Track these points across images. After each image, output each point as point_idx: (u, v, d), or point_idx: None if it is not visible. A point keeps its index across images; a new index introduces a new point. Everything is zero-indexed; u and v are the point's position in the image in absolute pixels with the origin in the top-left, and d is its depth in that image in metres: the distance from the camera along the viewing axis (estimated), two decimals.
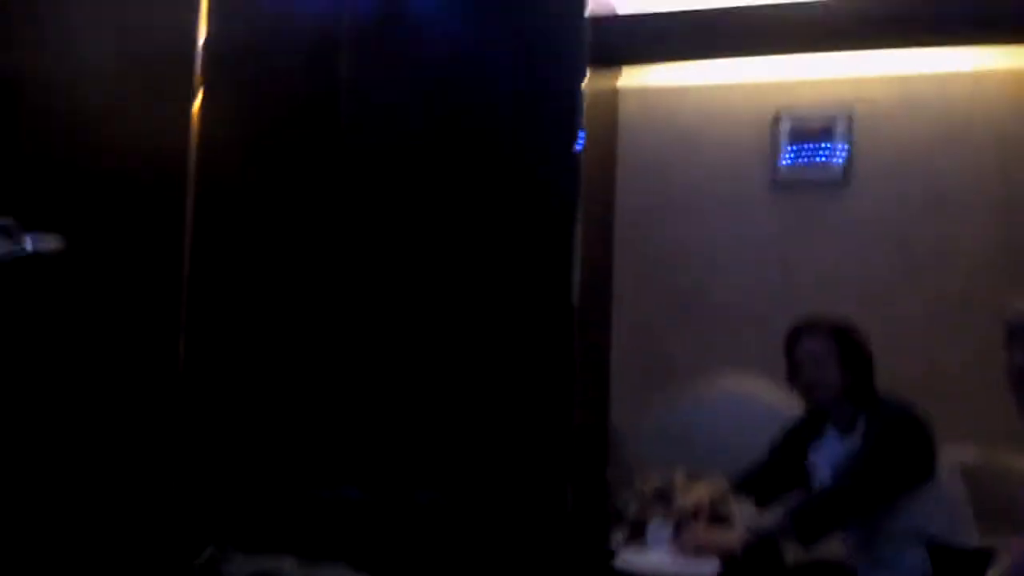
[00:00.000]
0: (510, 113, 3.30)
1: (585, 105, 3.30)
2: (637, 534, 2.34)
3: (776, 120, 3.75)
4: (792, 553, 2.50)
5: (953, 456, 2.47)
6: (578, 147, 3.26)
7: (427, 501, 2.27)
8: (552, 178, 3.26)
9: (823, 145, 3.69)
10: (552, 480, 3.08)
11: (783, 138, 3.74)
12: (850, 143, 3.67)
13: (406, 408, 3.28)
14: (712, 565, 2.10)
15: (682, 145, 3.89)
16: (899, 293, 3.62)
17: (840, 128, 3.67)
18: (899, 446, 2.25)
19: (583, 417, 3.37)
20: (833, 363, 2.39)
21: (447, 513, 2.26)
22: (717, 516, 2.43)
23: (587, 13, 3.25)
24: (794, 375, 2.48)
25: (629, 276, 3.92)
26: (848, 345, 2.41)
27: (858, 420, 2.39)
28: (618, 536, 2.33)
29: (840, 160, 3.68)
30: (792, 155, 3.73)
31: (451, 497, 2.36)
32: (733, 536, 2.27)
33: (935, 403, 2.95)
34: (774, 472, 2.60)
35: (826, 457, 2.46)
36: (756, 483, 2.61)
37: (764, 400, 3.52)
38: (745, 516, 2.43)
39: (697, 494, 2.49)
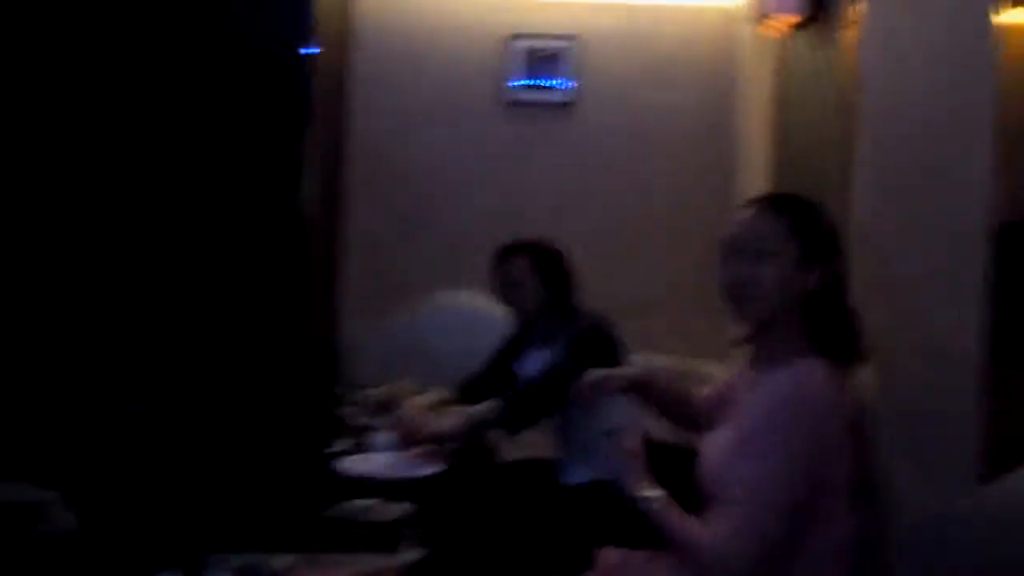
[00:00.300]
0: (240, 13, 3.11)
1: (317, 11, 3.18)
2: (362, 443, 2.35)
3: (509, 41, 3.80)
4: (502, 454, 2.65)
5: (651, 363, 2.69)
6: (310, 51, 3.15)
7: (137, 413, 2.14)
8: (283, 83, 3.13)
9: (553, 69, 3.81)
10: (278, 392, 3.02)
11: (515, 60, 3.81)
12: (577, 69, 3.81)
13: (128, 318, 3.07)
14: (430, 468, 2.15)
15: (417, 59, 3.85)
16: (613, 214, 3.85)
17: (569, 53, 3.79)
18: (588, 350, 2.41)
19: (311, 331, 3.33)
20: (531, 281, 2.52)
21: (157, 425, 2.13)
22: None
23: None
24: (501, 293, 2.59)
25: (359, 190, 3.86)
26: (547, 265, 2.55)
27: (559, 333, 2.53)
28: (341, 444, 2.33)
29: (568, 85, 3.81)
30: (523, 77, 3.81)
31: (163, 409, 2.23)
32: (446, 422, 2.36)
33: (642, 320, 3.21)
34: (490, 380, 2.71)
35: (532, 365, 2.61)
36: (474, 391, 2.71)
37: (488, 315, 3.64)
38: None
39: (419, 401, 2.55)
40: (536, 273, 2.54)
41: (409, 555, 1.61)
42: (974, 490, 1.46)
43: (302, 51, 3.15)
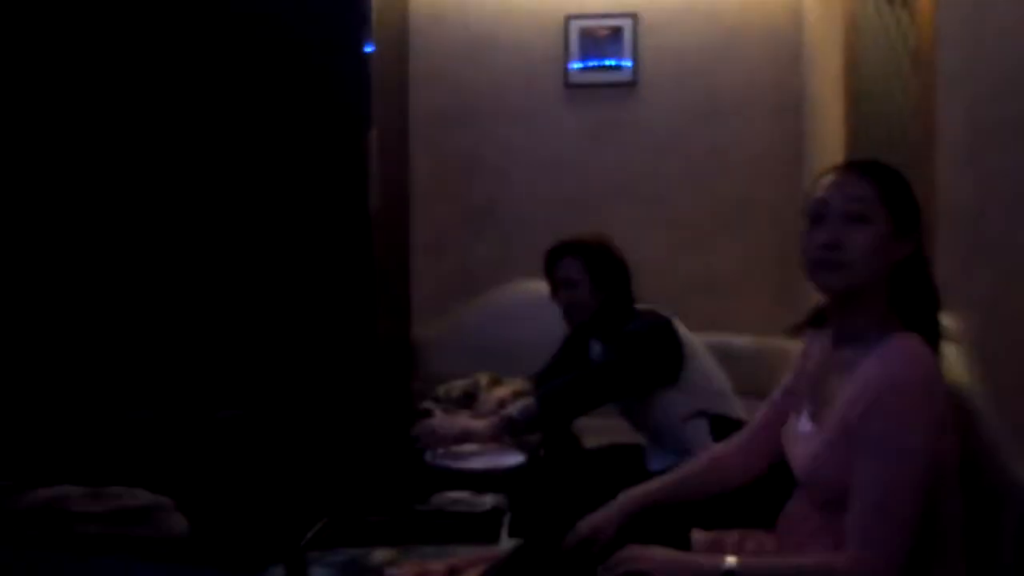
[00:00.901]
0: (296, 12, 3.14)
1: (373, 7, 3.20)
2: None
3: (565, 24, 3.78)
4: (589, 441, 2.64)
5: (728, 343, 2.65)
6: (367, 48, 3.16)
7: (228, 418, 2.19)
8: (342, 81, 3.15)
9: (611, 49, 3.77)
10: (357, 392, 3.06)
11: (573, 42, 3.78)
12: (636, 48, 3.76)
13: (205, 326, 3.14)
14: (517, 457, 2.16)
15: (474, 49, 3.85)
16: (681, 196, 3.81)
17: (627, 33, 3.75)
18: (639, 351, 2.35)
19: (385, 328, 3.36)
20: (584, 282, 2.46)
21: (249, 429, 2.18)
22: None
23: None
24: (554, 294, 2.55)
25: (425, 185, 3.88)
26: (600, 262, 2.48)
27: (617, 330, 2.48)
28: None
29: (628, 64, 3.77)
30: (582, 59, 3.79)
31: (253, 413, 2.28)
32: (480, 423, 2.32)
33: (713, 300, 3.18)
34: (566, 367, 2.69)
35: (595, 357, 2.58)
36: (553, 379, 2.70)
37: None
38: None
39: (500, 393, 2.56)
40: (588, 273, 2.48)
41: (507, 545, 1.61)
42: None
43: (360, 49, 3.17)
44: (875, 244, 1.46)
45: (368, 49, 3.18)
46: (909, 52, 2.35)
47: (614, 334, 2.45)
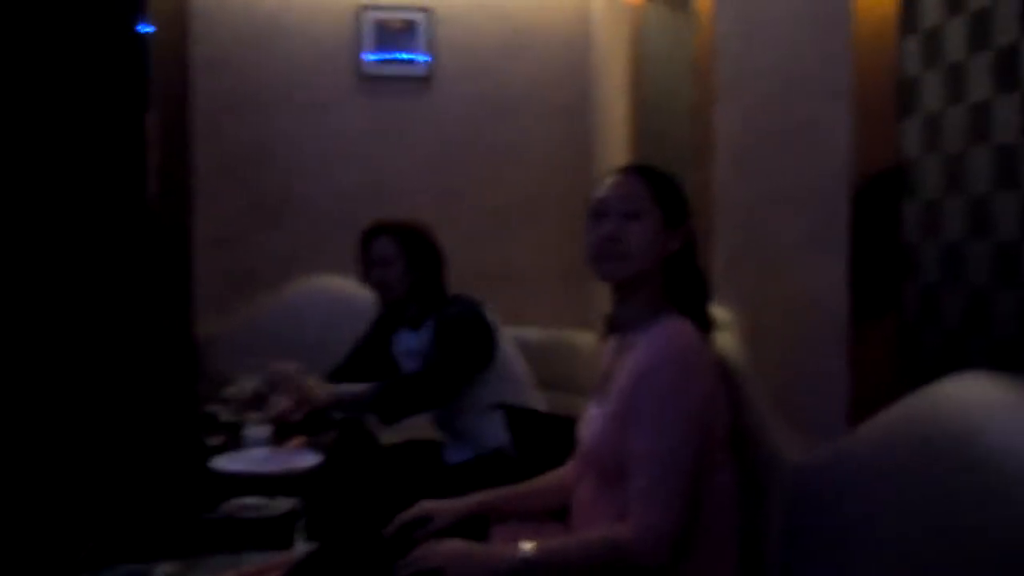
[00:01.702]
0: None
1: None
2: (234, 439, 2.26)
3: (359, 14, 3.71)
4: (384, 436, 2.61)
5: (522, 336, 2.71)
6: (144, 28, 2.96)
7: None
8: (117, 62, 2.93)
9: (406, 42, 3.74)
10: (136, 394, 2.86)
11: (367, 33, 3.72)
12: (432, 42, 3.76)
13: None
14: (313, 458, 2.09)
15: (260, 35, 3.70)
16: (476, 191, 3.85)
17: (422, 27, 3.74)
18: (461, 339, 2.40)
19: (165, 326, 3.16)
20: (398, 261, 2.48)
21: (14, 437, 1.98)
22: (313, 411, 2.43)
23: None
24: (367, 274, 2.54)
25: (208, 176, 3.69)
26: (414, 244, 2.51)
27: (427, 317, 2.51)
28: (213, 441, 2.23)
29: (423, 58, 3.76)
30: (376, 51, 3.73)
31: (16, 419, 2.07)
32: (320, 394, 2.31)
33: (505, 292, 3.23)
34: (363, 364, 2.66)
35: (401, 350, 2.58)
36: (348, 377, 2.65)
37: (351, 299, 3.56)
38: None
39: (290, 392, 2.47)
40: (403, 253, 2.49)
41: (302, 549, 1.55)
42: (843, 436, 1.53)
43: (136, 28, 2.96)
44: (650, 236, 1.62)
45: (145, 29, 2.98)
46: (690, 60, 2.49)
47: (430, 319, 2.45)
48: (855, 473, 1.41)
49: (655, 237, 1.63)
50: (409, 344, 2.56)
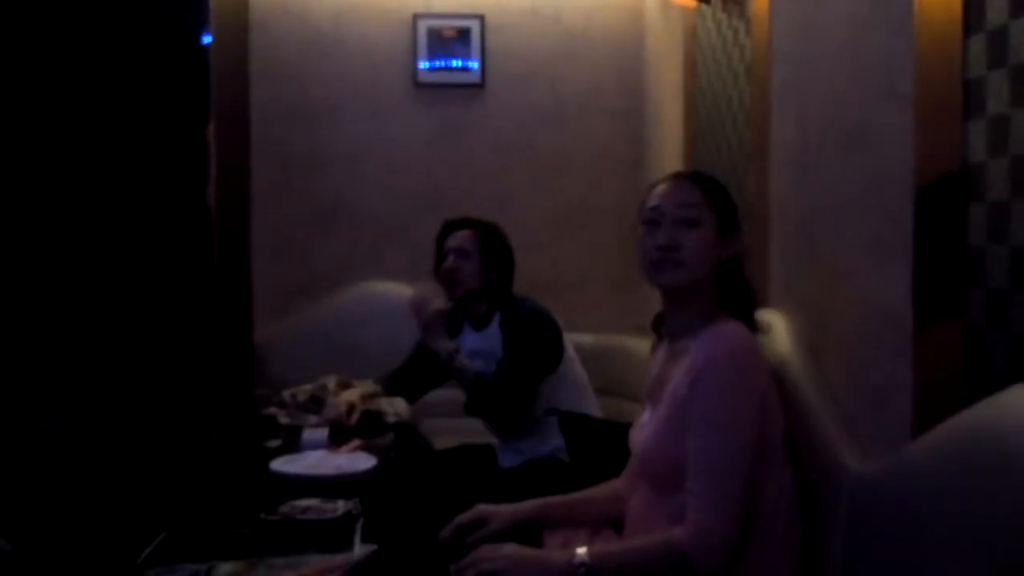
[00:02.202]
0: (132, 1, 2.96)
1: None
2: (292, 443, 2.29)
3: (414, 22, 3.75)
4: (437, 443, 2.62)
5: (576, 341, 2.71)
6: (206, 39, 3.02)
7: (53, 430, 2.03)
8: (180, 73, 3.00)
9: (459, 49, 3.77)
10: (197, 399, 2.91)
11: (421, 41, 3.75)
12: (484, 48, 3.78)
13: (28, 329, 2.90)
14: (369, 462, 2.11)
15: (318, 45, 3.76)
16: (529, 197, 3.85)
17: (474, 34, 3.77)
18: (535, 342, 2.41)
19: (225, 332, 3.22)
20: (476, 256, 2.51)
21: (76, 441, 2.03)
22: (370, 415, 2.46)
23: None
24: (440, 264, 2.56)
25: (267, 183, 3.75)
26: (493, 242, 2.54)
27: (492, 317, 2.52)
28: (271, 444, 2.26)
29: (475, 65, 3.78)
30: (429, 59, 3.77)
31: (80, 423, 2.12)
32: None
33: (558, 299, 3.23)
34: (420, 370, 2.68)
35: (464, 351, 2.58)
36: (405, 382, 2.68)
37: (407, 305, 3.59)
38: (398, 412, 2.48)
39: (348, 396, 2.50)
40: (481, 248, 2.53)
41: (360, 551, 1.57)
42: (907, 446, 1.51)
43: (198, 40, 3.03)
44: (706, 244, 1.62)
45: (206, 40, 3.04)
46: (745, 63, 2.46)
47: (496, 320, 2.47)
48: (919, 483, 1.38)
49: (711, 244, 1.63)
50: (473, 345, 2.56)
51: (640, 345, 3.40)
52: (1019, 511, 1.10)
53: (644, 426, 1.70)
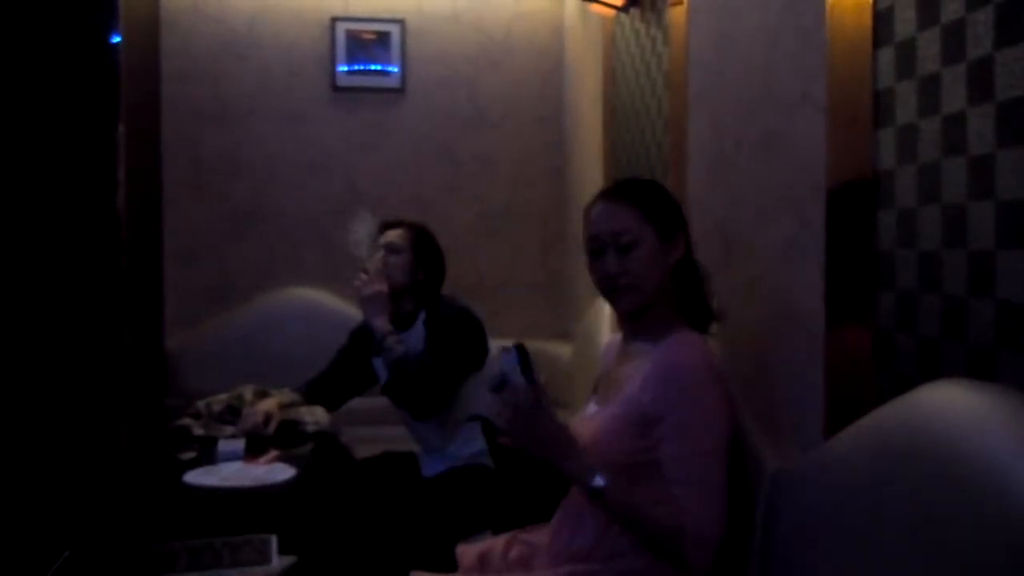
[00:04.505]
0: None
1: None
2: (207, 454, 2.23)
3: (332, 26, 3.70)
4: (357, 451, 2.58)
5: (497, 346, 2.71)
6: (114, 38, 2.93)
7: None
8: (87, 71, 2.89)
9: (379, 54, 3.74)
10: (105, 410, 2.81)
11: (339, 45, 3.71)
12: (404, 53, 3.75)
13: None
14: (288, 472, 2.06)
15: (233, 46, 3.68)
16: (449, 202, 3.84)
17: (395, 37, 3.74)
18: (458, 337, 2.41)
19: (134, 340, 3.12)
20: (407, 253, 2.50)
21: None
22: (289, 424, 2.41)
23: None
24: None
25: (179, 186, 3.65)
26: (424, 243, 2.54)
27: (417, 317, 2.50)
28: (186, 456, 2.19)
29: (395, 70, 3.75)
30: (348, 63, 3.72)
31: None
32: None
33: (480, 303, 3.23)
34: (341, 377, 2.64)
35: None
36: (325, 389, 2.63)
37: (325, 311, 3.54)
38: (318, 421, 2.44)
39: (265, 406, 2.44)
40: (412, 247, 2.52)
41: (280, 563, 1.53)
42: (819, 445, 1.54)
43: (107, 38, 2.93)
44: (650, 260, 1.63)
45: (115, 39, 2.94)
46: (663, 71, 2.50)
47: (420, 320, 2.45)
48: (830, 482, 1.41)
49: (655, 258, 1.63)
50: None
51: (562, 349, 3.42)
52: (928, 508, 1.13)
53: (590, 417, 1.70)
